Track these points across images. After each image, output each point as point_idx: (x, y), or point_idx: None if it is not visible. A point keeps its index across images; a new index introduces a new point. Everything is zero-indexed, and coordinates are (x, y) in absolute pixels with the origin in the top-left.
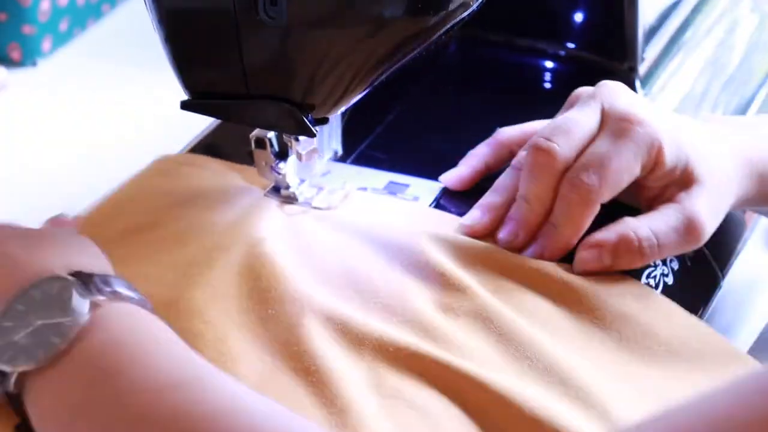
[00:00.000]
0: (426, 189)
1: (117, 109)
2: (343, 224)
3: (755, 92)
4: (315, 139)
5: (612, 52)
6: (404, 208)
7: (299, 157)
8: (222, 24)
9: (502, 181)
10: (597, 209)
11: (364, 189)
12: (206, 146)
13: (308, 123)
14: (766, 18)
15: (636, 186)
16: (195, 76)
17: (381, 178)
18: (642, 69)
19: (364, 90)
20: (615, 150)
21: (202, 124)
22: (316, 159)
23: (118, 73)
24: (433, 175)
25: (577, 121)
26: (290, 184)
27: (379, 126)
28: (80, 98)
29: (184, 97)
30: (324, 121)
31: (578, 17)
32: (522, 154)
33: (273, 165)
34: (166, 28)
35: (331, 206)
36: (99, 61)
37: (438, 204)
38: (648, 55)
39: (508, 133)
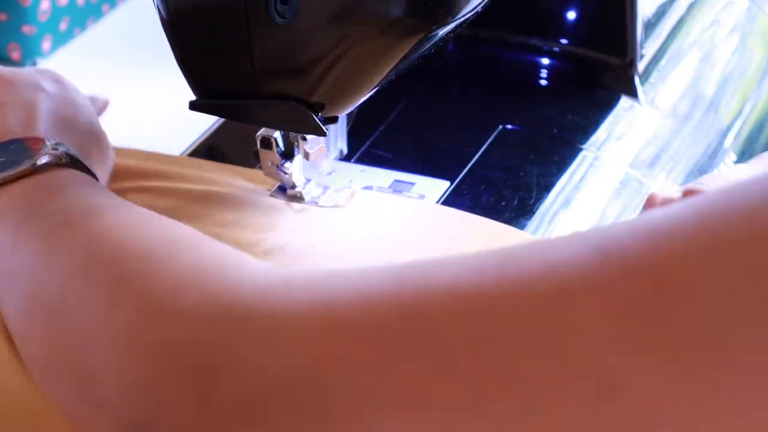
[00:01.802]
0: (431, 187)
1: (117, 109)
2: (353, 223)
3: (754, 89)
4: (323, 138)
5: (612, 48)
6: (411, 205)
7: (307, 156)
8: (232, 22)
9: None
10: None
11: (370, 188)
12: (208, 147)
13: (318, 122)
14: (761, 12)
15: None
16: (204, 75)
17: (386, 176)
18: (641, 65)
19: (374, 88)
20: None
21: (203, 124)
22: (323, 158)
23: (118, 73)
24: (437, 173)
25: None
26: (296, 184)
27: (382, 125)
28: None
29: (185, 97)
30: (334, 119)
31: (578, 13)
32: None
33: (279, 165)
34: (174, 26)
35: (338, 205)
36: (99, 61)
37: (444, 203)
38: (646, 50)
39: None
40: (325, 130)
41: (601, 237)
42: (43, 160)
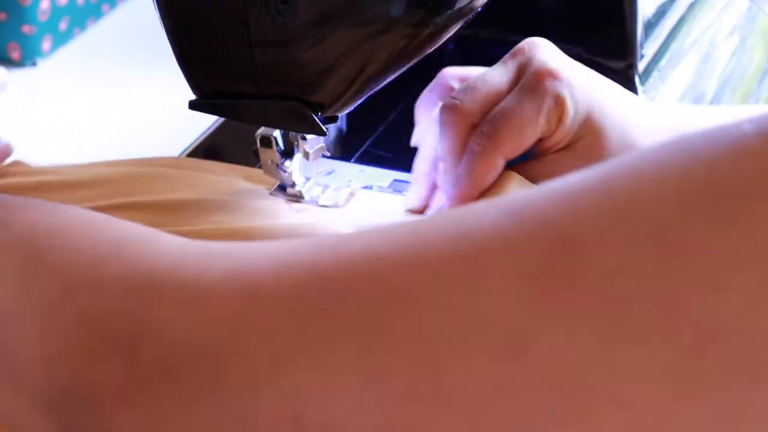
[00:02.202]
0: None
1: (117, 109)
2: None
3: (754, 89)
4: (322, 137)
5: (612, 48)
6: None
7: (306, 155)
8: (232, 22)
9: (427, 142)
10: (497, 162)
11: (369, 187)
12: (208, 146)
13: (318, 122)
14: (761, 12)
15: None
16: (203, 75)
17: (385, 176)
18: (641, 66)
19: (374, 88)
20: (518, 102)
21: (203, 124)
22: (322, 157)
23: (118, 73)
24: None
25: (484, 78)
26: (296, 183)
27: (382, 125)
28: (80, 98)
29: (185, 97)
30: (334, 119)
31: (578, 13)
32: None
33: (279, 163)
34: (173, 26)
35: (338, 204)
36: (99, 61)
37: None
38: (646, 51)
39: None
40: (325, 130)
41: (517, 202)
42: None
